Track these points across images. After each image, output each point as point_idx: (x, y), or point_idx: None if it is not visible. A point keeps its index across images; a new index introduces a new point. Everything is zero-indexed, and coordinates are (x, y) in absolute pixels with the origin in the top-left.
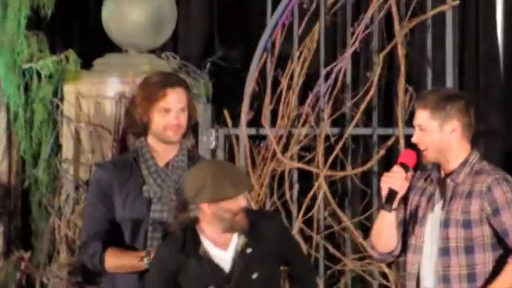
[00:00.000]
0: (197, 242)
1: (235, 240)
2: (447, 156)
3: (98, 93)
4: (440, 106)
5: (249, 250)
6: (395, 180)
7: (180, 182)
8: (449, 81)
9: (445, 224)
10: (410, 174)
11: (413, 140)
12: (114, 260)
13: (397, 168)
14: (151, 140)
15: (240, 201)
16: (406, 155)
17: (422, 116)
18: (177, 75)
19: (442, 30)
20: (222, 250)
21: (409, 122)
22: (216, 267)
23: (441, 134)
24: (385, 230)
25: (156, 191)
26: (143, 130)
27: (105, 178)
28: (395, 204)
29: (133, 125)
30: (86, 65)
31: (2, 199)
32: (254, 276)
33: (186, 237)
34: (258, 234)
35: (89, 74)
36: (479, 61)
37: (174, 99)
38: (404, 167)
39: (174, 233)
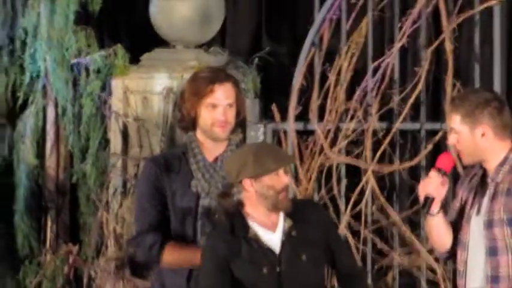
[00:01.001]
0: (245, 226)
1: (282, 223)
2: (483, 157)
3: (146, 88)
4: (469, 112)
5: (293, 233)
6: (430, 185)
7: None
8: (497, 76)
9: (489, 225)
10: (446, 178)
11: (449, 142)
12: (175, 253)
13: (432, 174)
14: (200, 135)
15: (283, 178)
16: (443, 159)
17: (453, 120)
18: (225, 70)
19: (489, 25)
20: (270, 232)
21: None
22: (267, 249)
23: (472, 138)
24: (434, 232)
25: (204, 186)
26: (191, 125)
27: (155, 171)
28: (434, 210)
29: (182, 120)
30: (134, 60)
31: (51, 194)
32: (303, 257)
33: (234, 222)
34: (304, 219)
35: (136, 69)
36: None
37: (221, 95)
38: (441, 171)
39: (219, 220)
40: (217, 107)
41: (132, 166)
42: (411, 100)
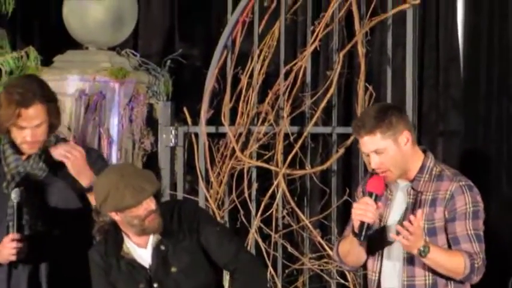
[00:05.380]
0: (119, 244)
1: (151, 238)
2: (408, 166)
3: (58, 90)
4: (386, 124)
5: (162, 247)
6: (367, 212)
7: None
8: (409, 81)
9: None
10: (380, 203)
11: (373, 166)
12: None
13: (367, 200)
14: None
15: (146, 206)
16: (374, 183)
17: (373, 142)
18: (33, 88)
19: (402, 29)
20: (142, 249)
21: None
22: (140, 266)
23: (399, 149)
24: (355, 251)
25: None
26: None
27: None
28: (368, 233)
29: None
30: (47, 61)
31: None
32: (173, 269)
33: (108, 240)
34: (173, 229)
35: (49, 70)
36: (439, 61)
37: (28, 118)
38: (372, 195)
39: (95, 236)
40: (25, 129)
41: None
42: (323, 104)
